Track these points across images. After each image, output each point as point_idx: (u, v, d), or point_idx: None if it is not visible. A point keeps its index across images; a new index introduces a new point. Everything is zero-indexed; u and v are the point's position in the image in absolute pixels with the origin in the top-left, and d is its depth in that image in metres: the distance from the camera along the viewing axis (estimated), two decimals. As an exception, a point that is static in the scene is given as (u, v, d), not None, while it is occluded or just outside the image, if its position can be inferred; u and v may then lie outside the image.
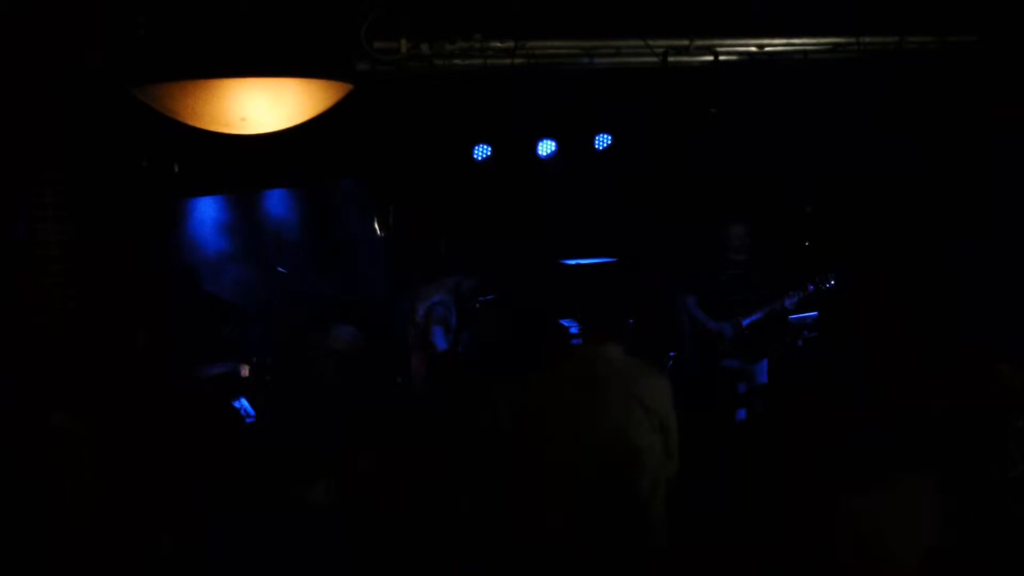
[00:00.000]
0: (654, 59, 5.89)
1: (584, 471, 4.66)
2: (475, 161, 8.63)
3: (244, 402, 6.86)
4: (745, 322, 7.47)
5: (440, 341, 7.18)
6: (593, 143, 8.69)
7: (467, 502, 4.86)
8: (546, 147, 8.69)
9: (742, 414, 7.43)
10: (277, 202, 9.59)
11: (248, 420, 6.64)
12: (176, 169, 7.32)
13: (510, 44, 5.63)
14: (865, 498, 3.76)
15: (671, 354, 7.87)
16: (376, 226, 9.32)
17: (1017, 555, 3.56)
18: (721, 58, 5.99)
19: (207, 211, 9.32)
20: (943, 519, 3.62)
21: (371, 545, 4.75)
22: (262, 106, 4.52)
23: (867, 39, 6.05)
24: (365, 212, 9.36)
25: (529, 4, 5.53)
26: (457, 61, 5.64)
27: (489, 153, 8.62)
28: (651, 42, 5.82)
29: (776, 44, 6.05)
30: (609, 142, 8.68)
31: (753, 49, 6.03)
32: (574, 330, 8.76)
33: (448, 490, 4.88)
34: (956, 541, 3.34)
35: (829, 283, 7.52)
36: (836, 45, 6.07)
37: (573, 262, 9.43)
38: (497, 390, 5.14)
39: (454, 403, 5.26)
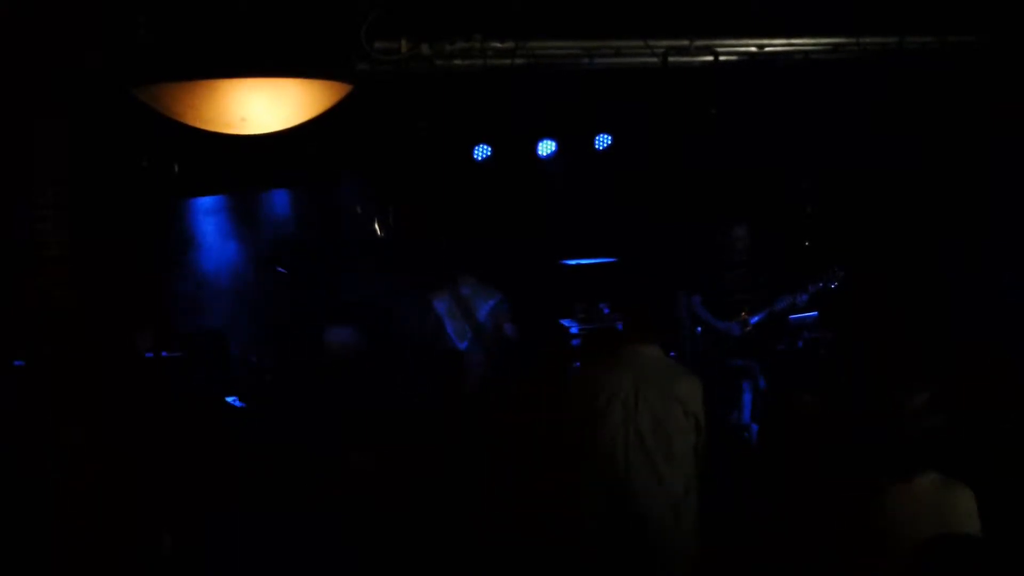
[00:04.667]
0: (654, 59, 5.88)
1: (621, 469, 4.71)
2: (475, 161, 8.63)
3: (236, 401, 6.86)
4: (752, 320, 7.50)
5: (512, 331, 7.46)
6: (593, 143, 8.68)
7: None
8: (546, 147, 8.68)
9: (747, 416, 7.44)
10: (277, 202, 9.58)
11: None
12: (176, 169, 7.32)
13: (510, 44, 5.63)
14: (864, 498, 3.75)
15: (671, 354, 7.87)
16: (376, 226, 9.31)
17: (1017, 553, 3.56)
18: (721, 58, 5.99)
19: (207, 211, 9.32)
20: (944, 519, 3.62)
21: (371, 545, 4.75)
22: (262, 106, 4.51)
23: (867, 39, 6.04)
24: (365, 212, 9.35)
25: (529, 4, 5.52)
26: (457, 61, 5.64)
27: (489, 153, 8.62)
28: (651, 42, 5.82)
29: (776, 44, 6.05)
30: (609, 142, 8.68)
31: (753, 49, 6.03)
32: (574, 330, 8.77)
33: (448, 490, 4.89)
34: (957, 540, 3.33)
35: (836, 280, 7.55)
36: (836, 45, 6.07)
37: (573, 262, 9.42)
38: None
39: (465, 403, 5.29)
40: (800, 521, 4.15)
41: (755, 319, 7.52)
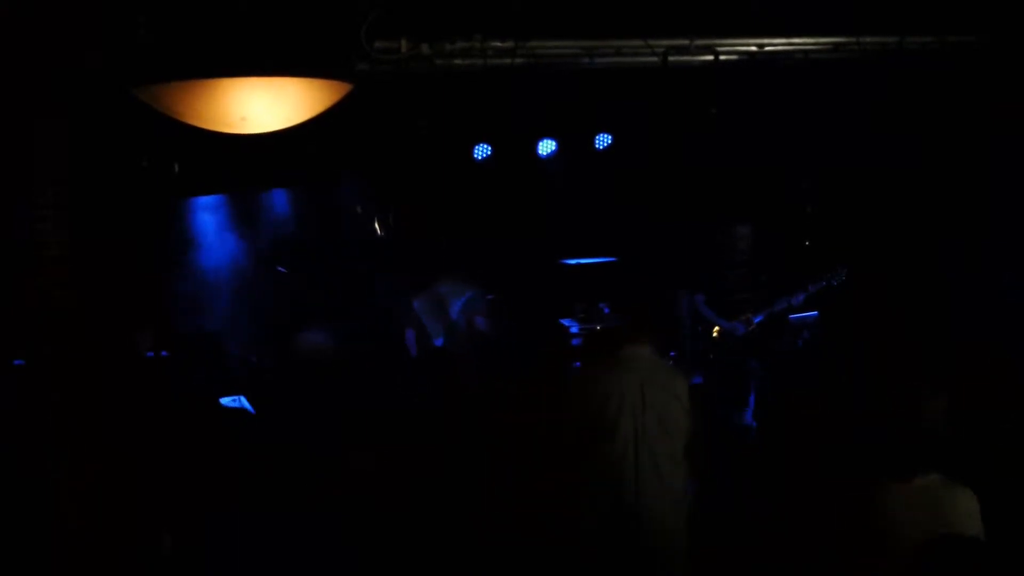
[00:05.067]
0: (654, 59, 5.88)
1: (631, 469, 4.73)
2: (475, 161, 8.62)
3: (244, 401, 6.86)
4: (756, 319, 7.52)
5: (483, 324, 7.44)
6: (593, 143, 8.68)
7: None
8: (546, 147, 8.69)
9: (749, 417, 7.44)
10: (277, 202, 9.59)
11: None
12: (176, 169, 7.32)
13: (510, 44, 5.63)
14: (864, 498, 3.75)
15: (671, 354, 7.88)
16: (376, 226, 9.32)
17: (1017, 553, 3.56)
18: (721, 58, 5.99)
19: (207, 211, 9.32)
20: (944, 519, 3.62)
21: (371, 545, 4.74)
22: (262, 106, 4.51)
23: (867, 39, 6.04)
24: (365, 212, 9.35)
25: (529, 4, 5.52)
26: (457, 61, 5.64)
27: (489, 153, 8.62)
28: (651, 42, 5.82)
29: (776, 44, 6.05)
30: (609, 141, 8.68)
31: (753, 49, 6.03)
32: (574, 330, 8.77)
33: (448, 490, 4.88)
34: (957, 541, 3.33)
35: (839, 278, 7.58)
36: (836, 45, 6.06)
37: (573, 262, 9.42)
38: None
39: (456, 402, 5.28)
40: (800, 521, 4.16)
41: (758, 318, 7.54)
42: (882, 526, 3.66)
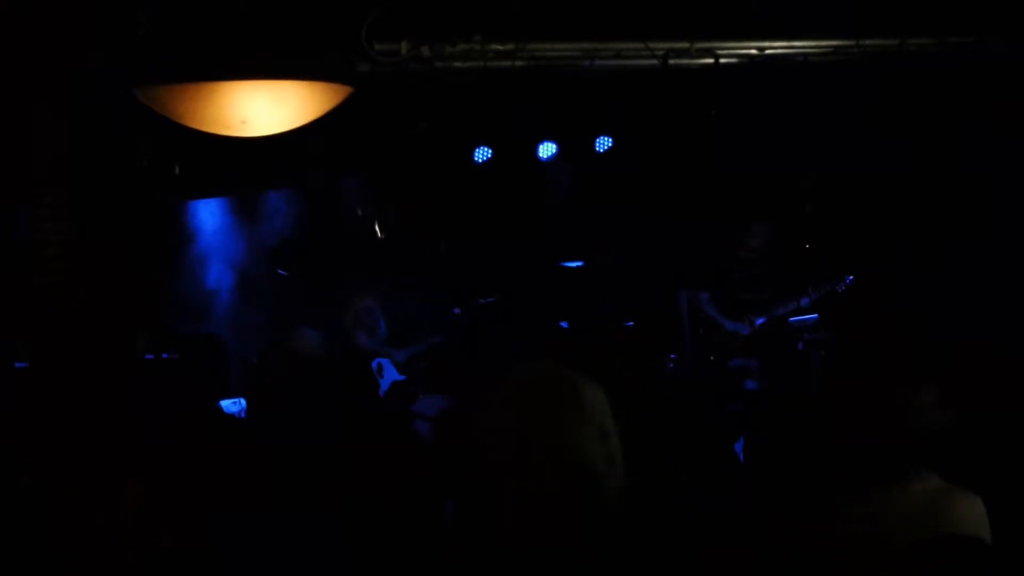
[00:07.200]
0: (654, 61, 5.89)
1: (543, 489, 4.62)
2: (476, 163, 8.63)
3: (244, 403, 6.87)
4: (759, 321, 7.53)
5: (365, 341, 7.40)
6: (594, 145, 8.70)
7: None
8: (547, 149, 8.70)
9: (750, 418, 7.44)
10: (277, 202, 9.60)
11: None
12: (176, 170, 7.32)
13: (511, 46, 5.64)
14: (864, 501, 3.75)
15: (671, 355, 7.88)
16: (376, 226, 9.33)
17: (1016, 554, 3.56)
18: (721, 60, 6.00)
19: (207, 212, 9.33)
20: (939, 523, 3.62)
21: (370, 545, 4.74)
22: (263, 109, 4.52)
23: (867, 41, 6.05)
24: (365, 213, 9.36)
25: (529, 6, 5.54)
26: (458, 63, 5.65)
27: (490, 155, 8.63)
28: (651, 44, 5.83)
29: (776, 46, 6.06)
30: (610, 144, 8.69)
31: (753, 51, 6.04)
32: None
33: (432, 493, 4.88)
34: (954, 542, 3.33)
35: (843, 284, 7.60)
36: (836, 47, 6.07)
37: (573, 264, 9.43)
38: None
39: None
40: (795, 524, 4.15)
41: (760, 320, 7.55)
42: (877, 530, 3.66)
